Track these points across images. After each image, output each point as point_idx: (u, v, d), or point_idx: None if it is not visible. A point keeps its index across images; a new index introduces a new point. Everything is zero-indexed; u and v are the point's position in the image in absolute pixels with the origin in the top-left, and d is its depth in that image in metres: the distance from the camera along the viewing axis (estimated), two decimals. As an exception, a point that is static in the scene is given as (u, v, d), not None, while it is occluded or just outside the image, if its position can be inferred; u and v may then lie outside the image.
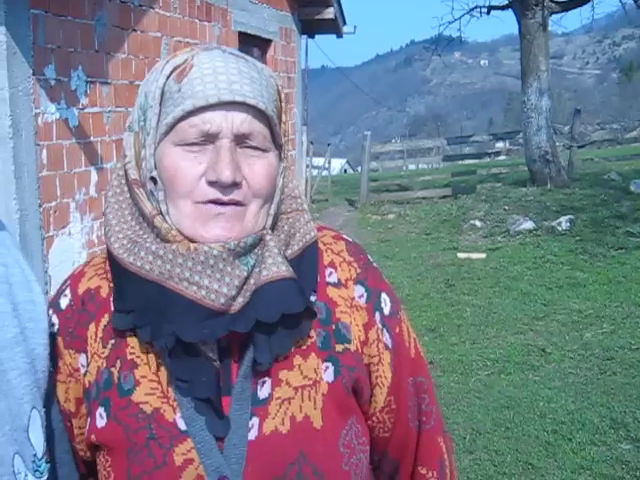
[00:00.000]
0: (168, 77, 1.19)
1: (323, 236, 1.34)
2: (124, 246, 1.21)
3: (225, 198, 1.16)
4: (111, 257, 1.23)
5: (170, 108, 1.17)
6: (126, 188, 1.25)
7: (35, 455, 1.09)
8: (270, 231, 1.22)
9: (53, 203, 6.03)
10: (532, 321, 6.98)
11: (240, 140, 1.17)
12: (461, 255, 9.65)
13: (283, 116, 1.24)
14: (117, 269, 1.22)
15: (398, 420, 1.35)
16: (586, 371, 5.69)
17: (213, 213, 1.17)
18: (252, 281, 1.17)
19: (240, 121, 1.15)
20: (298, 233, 1.26)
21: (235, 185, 1.16)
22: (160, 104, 1.19)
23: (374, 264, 1.37)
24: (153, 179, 1.21)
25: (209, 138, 1.16)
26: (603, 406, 5.02)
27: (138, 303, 1.19)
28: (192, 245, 1.16)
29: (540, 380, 5.57)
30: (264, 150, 1.19)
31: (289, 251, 1.24)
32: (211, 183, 1.16)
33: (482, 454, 4.50)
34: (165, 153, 1.18)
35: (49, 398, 1.20)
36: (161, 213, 1.20)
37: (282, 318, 1.17)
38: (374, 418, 1.34)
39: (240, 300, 1.16)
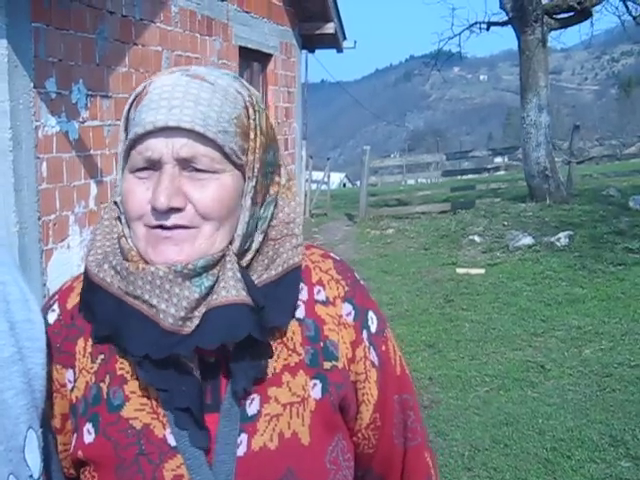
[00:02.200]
0: (131, 105, 1.22)
1: (311, 254, 1.35)
2: (97, 260, 1.24)
3: (167, 223, 1.17)
4: (85, 269, 1.27)
5: (128, 136, 1.20)
6: None
7: (31, 476, 1.08)
8: (232, 252, 1.21)
9: (52, 216, 6.03)
10: (531, 337, 6.97)
11: (184, 164, 1.17)
12: (460, 270, 9.64)
13: (251, 133, 1.22)
14: (87, 280, 1.25)
15: (383, 437, 1.37)
16: (585, 388, 5.67)
17: (161, 237, 1.17)
18: (211, 303, 1.18)
19: (180, 145, 1.15)
20: (279, 258, 1.26)
21: (176, 210, 1.16)
22: (125, 131, 1.22)
23: (361, 282, 1.38)
24: (116, 203, 1.25)
25: (154, 164, 1.17)
26: (602, 423, 5.00)
27: (101, 314, 1.21)
28: (141, 265, 1.18)
29: (539, 397, 5.55)
30: (214, 172, 1.18)
31: (265, 275, 1.24)
32: (153, 209, 1.17)
33: (481, 471, 4.48)
34: (124, 179, 1.21)
35: (45, 419, 1.19)
36: (124, 235, 1.23)
37: (249, 342, 1.17)
38: (359, 434, 1.36)
39: (196, 322, 1.16)
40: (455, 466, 4.54)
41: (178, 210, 1.16)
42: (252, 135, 1.22)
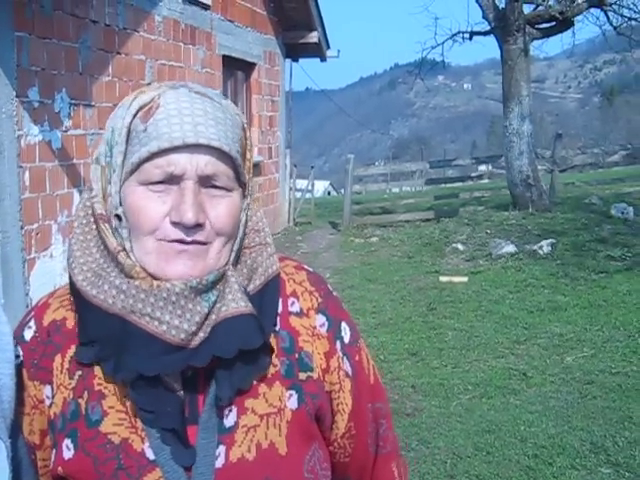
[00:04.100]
0: (134, 116, 1.20)
1: (285, 266, 1.37)
2: (88, 279, 1.22)
3: (188, 239, 1.18)
4: (74, 289, 1.24)
5: (136, 147, 1.18)
6: (92, 219, 1.26)
7: None
8: (232, 267, 1.24)
9: (35, 225, 6.02)
10: (513, 345, 7.00)
11: (204, 181, 1.18)
12: (443, 278, 9.67)
13: (247, 153, 1.26)
14: (80, 301, 1.23)
15: (358, 445, 1.39)
16: (567, 395, 5.70)
17: (176, 250, 1.18)
18: (213, 317, 1.19)
19: (204, 163, 1.17)
20: (260, 267, 1.28)
21: (198, 226, 1.17)
22: (126, 142, 1.20)
23: (334, 293, 1.40)
24: (117, 216, 1.22)
25: (173, 179, 1.17)
26: (583, 430, 5.03)
27: (100, 335, 1.20)
28: (155, 282, 1.18)
29: (521, 404, 5.58)
30: (228, 190, 1.21)
31: (251, 286, 1.26)
32: (175, 224, 1.17)
33: (463, 479, 4.49)
34: (130, 191, 1.20)
35: (15, 429, 1.19)
36: (125, 249, 1.22)
37: (241, 353, 1.19)
38: (335, 444, 1.38)
39: (201, 335, 1.18)
40: (438, 474, 4.55)
41: (199, 226, 1.18)
42: (248, 155, 1.26)
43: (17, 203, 5.77)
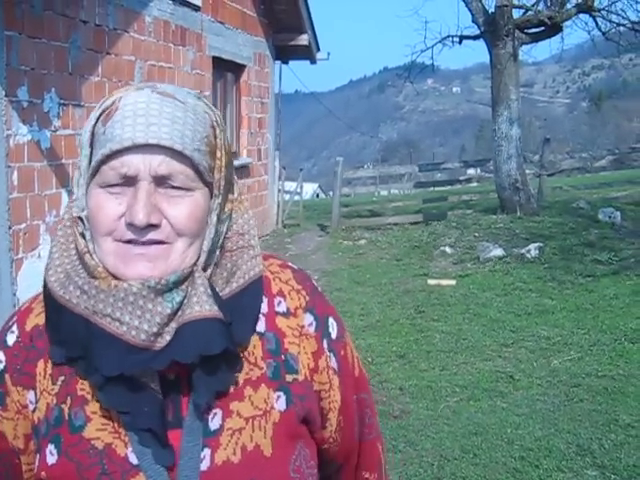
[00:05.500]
0: (97, 119, 1.21)
1: (270, 265, 1.37)
2: (59, 279, 1.23)
3: (142, 239, 1.18)
4: (45, 289, 1.26)
5: (96, 151, 1.19)
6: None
7: None
8: (211, 268, 1.24)
9: (23, 225, 6.00)
10: (501, 348, 7.03)
11: (160, 181, 1.18)
12: (431, 281, 9.69)
13: (218, 152, 1.25)
14: (50, 300, 1.24)
15: (345, 434, 1.42)
16: (553, 398, 5.73)
17: (134, 252, 1.18)
18: (179, 318, 1.19)
19: (157, 163, 1.17)
20: (239, 270, 1.28)
21: (153, 226, 1.17)
22: (90, 146, 1.21)
23: (319, 289, 1.41)
24: (81, 219, 1.23)
25: (129, 180, 1.17)
26: (570, 433, 5.06)
27: (68, 335, 1.21)
28: (113, 282, 1.18)
29: (508, 407, 5.60)
30: (188, 189, 1.20)
31: (227, 289, 1.26)
32: (129, 225, 1.17)
33: (450, 481, 4.51)
34: (91, 194, 1.21)
35: None
36: (89, 251, 1.22)
37: (216, 356, 1.19)
38: (330, 439, 1.40)
39: (167, 337, 1.18)
40: (425, 476, 4.56)
41: (154, 226, 1.17)
42: (219, 154, 1.25)
43: (5, 203, 5.75)
